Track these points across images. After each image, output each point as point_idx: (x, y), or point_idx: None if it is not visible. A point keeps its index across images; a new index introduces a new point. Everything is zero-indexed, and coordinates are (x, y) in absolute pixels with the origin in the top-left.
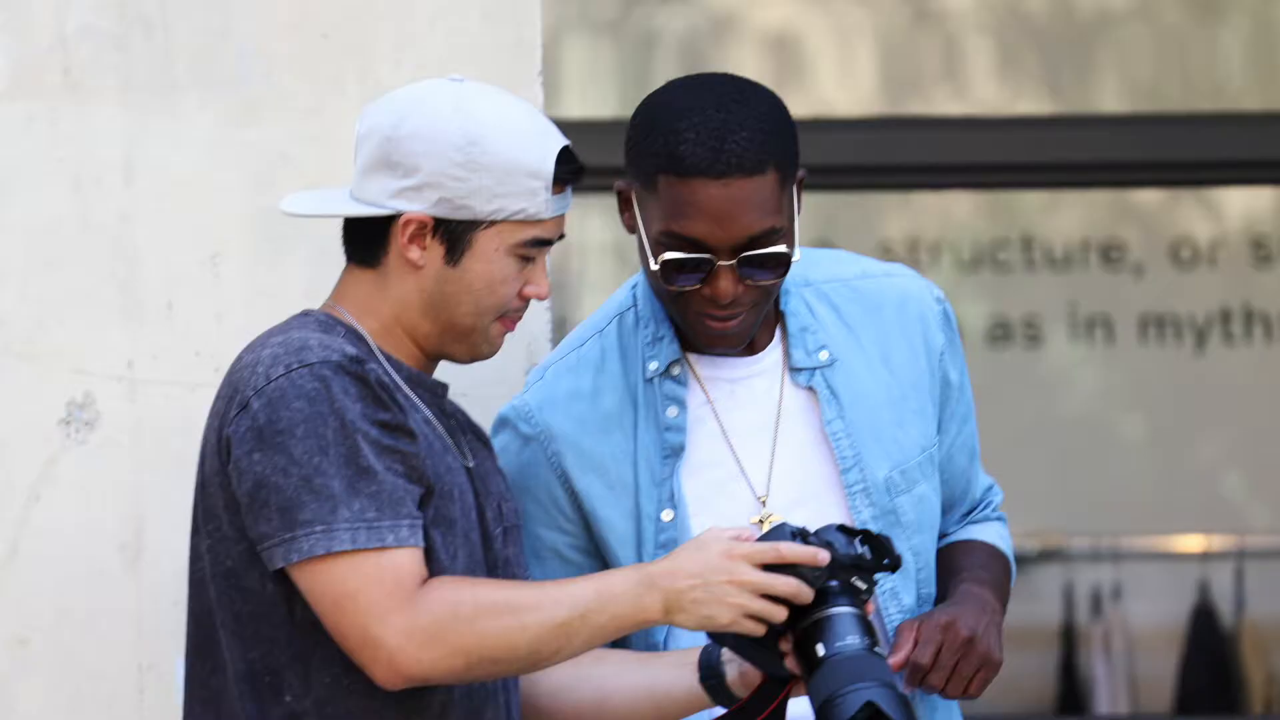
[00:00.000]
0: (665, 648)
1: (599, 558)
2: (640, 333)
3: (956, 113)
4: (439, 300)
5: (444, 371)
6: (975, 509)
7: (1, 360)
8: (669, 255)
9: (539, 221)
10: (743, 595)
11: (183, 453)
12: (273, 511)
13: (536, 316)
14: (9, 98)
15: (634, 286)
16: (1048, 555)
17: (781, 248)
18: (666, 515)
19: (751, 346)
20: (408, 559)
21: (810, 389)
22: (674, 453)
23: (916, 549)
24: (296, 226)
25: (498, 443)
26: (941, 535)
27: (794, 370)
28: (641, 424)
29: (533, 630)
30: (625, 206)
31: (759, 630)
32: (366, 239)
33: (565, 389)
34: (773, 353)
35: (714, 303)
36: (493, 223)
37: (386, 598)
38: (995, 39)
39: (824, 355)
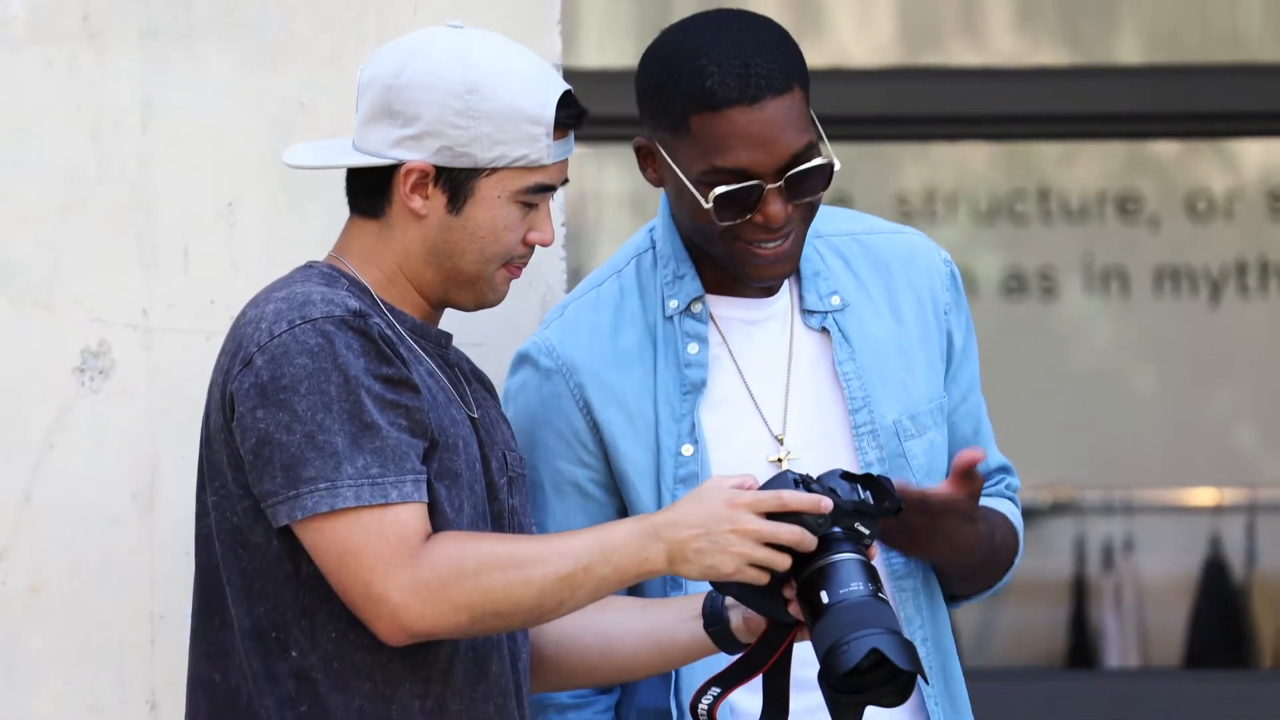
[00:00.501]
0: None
1: (618, 494)
2: (659, 272)
3: (974, 63)
4: (443, 249)
5: (460, 321)
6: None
7: (17, 307)
8: (720, 190)
9: (541, 168)
10: (746, 544)
11: (197, 402)
12: (276, 468)
13: (551, 265)
14: (28, 43)
15: (650, 230)
16: (1059, 508)
17: (823, 160)
18: (687, 450)
19: (766, 289)
20: (411, 514)
21: (823, 330)
22: (694, 388)
23: None
24: (313, 175)
25: (517, 379)
26: None
27: (806, 313)
28: (661, 361)
29: (536, 584)
30: (648, 161)
31: (763, 579)
32: (369, 189)
33: (586, 324)
34: (784, 297)
35: (766, 229)
36: (494, 170)
37: (390, 554)
38: None
39: (835, 300)
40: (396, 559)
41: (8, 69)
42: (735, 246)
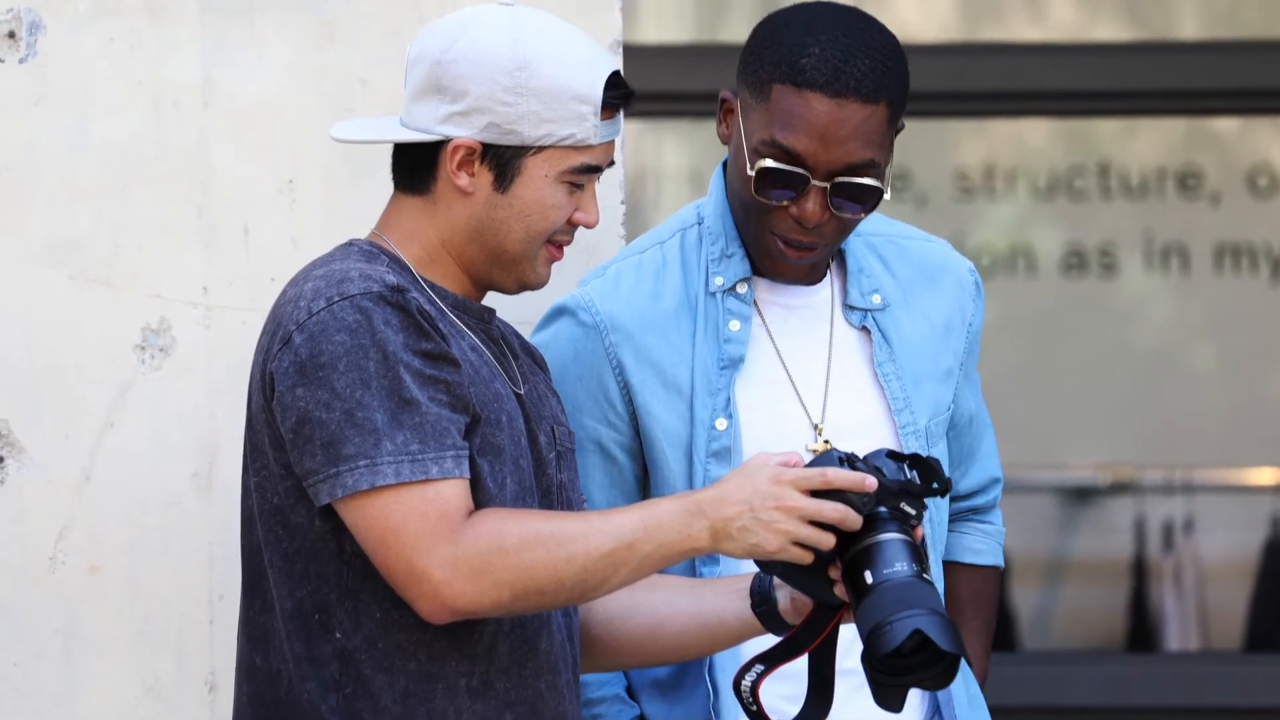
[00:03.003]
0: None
1: (640, 459)
2: (705, 248)
3: (1034, 38)
4: (488, 226)
5: (515, 300)
6: (981, 492)
7: (78, 284)
8: (767, 163)
9: (588, 147)
10: (790, 522)
11: None
12: (317, 447)
13: (611, 242)
14: (90, 18)
15: (698, 207)
16: (1119, 488)
17: (876, 181)
18: (721, 424)
19: (810, 277)
20: (452, 490)
21: (864, 329)
22: (732, 364)
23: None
24: (373, 152)
25: (551, 330)
26: (953, 499)
27: (848, 308)
28: (700, 333)
29: (579, 561)
30: (725, 116)
31: (807, 558)
32: (415, 165)
33: (627, 285)
34: (827, 288)
35: (798, 225)
36: (541, 149)
37: (431, 531)
38: None
39: (877, 299)
40: (438, 536)
41: (70, 45)
42: (765, 237)
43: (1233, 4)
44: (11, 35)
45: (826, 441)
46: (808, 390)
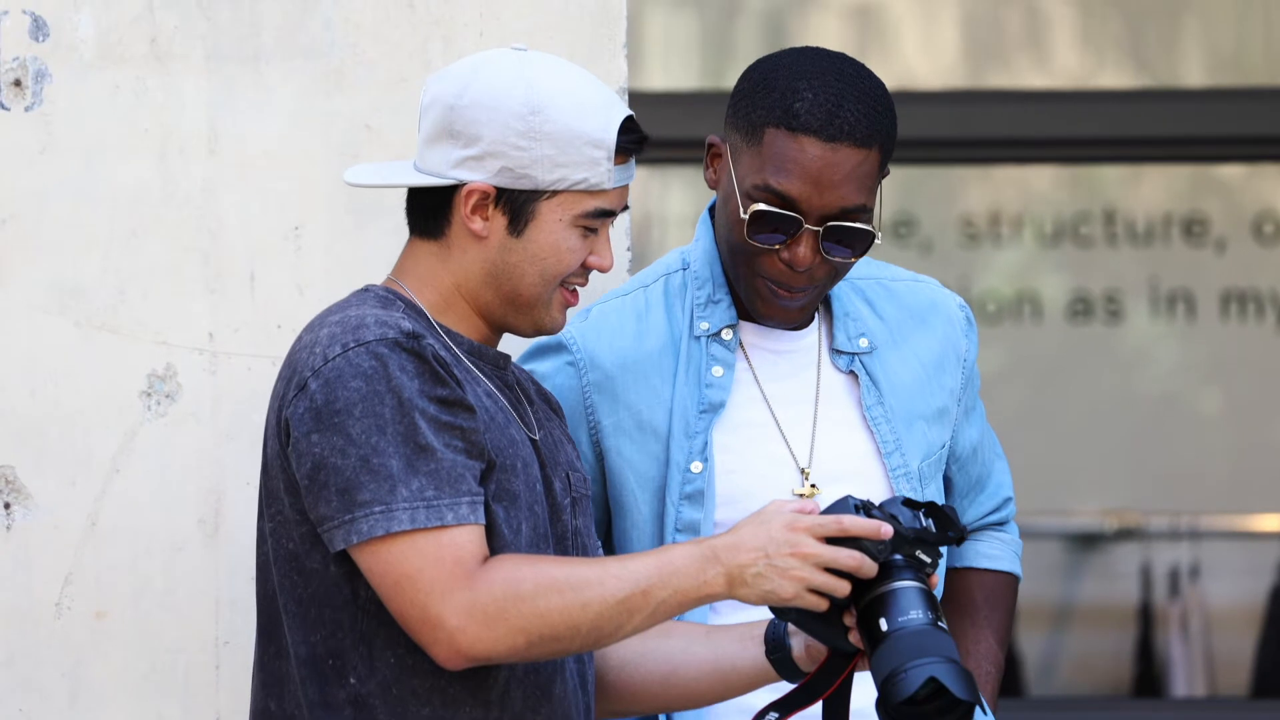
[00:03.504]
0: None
1: (603, 504)
2: (691, 293)
3: (1039, 85)
4: (503, 271)
5: (523, 344)
6: (995, 511)
7: (83, 331)
8: (759, 207)
9: (602, 192)
10: (805, 569)
11: (262, 426)
12: (332, 493)
13: (615, 287)
14: (96, 66)
15: (684, 253)
16: (1125, 534)
17: (867, 225)
18: (696, 467)
19: (798, 322)
20: (468, 537)
21: (851, 373)
22: (712, 408)
23: None
24: (379, 199)
25: (531, 365)
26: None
27: (835, 352)
28: (681, 376)
29: (594, 607)
30: (713, 160)
31: (822, 605)
32: (429, 210)
33: (610, 326)
34: (814, 333)
35: (789, 269)
36: (555, 193)
37: (447, 577)
38: (1078, 9)
39: (864, 342)
40: (453, 582)
41: (77, 92)
42: (755, 281)
43: (1237, 51)
44: (18, 83)
45: (814, 486)
46: (795, 435)
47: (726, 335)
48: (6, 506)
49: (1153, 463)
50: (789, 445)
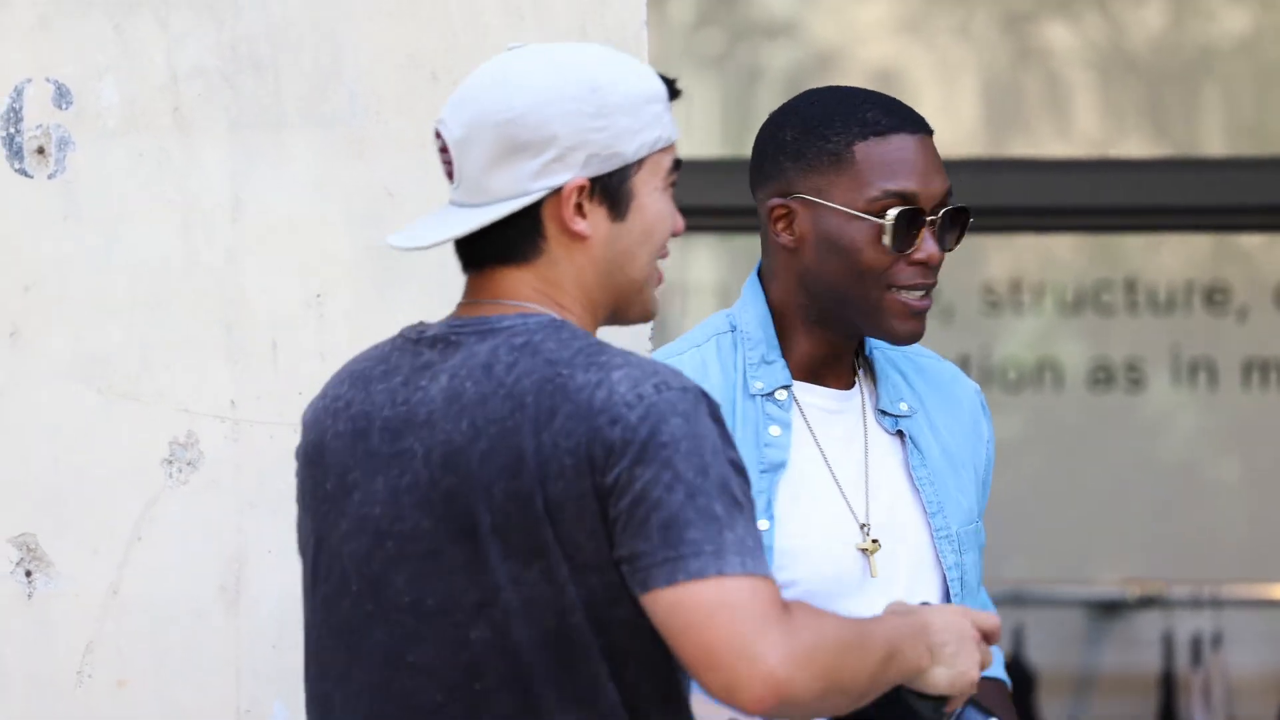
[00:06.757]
0: None
1: None
2: (743, 353)
3: (1060, 153)
4: (614, 261)
5: None
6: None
7: (105, 399)
8: (896, 211)
9: (671, 145)
10: (981, 650)
11: (284, 493)
12: (653, 529)
13: (638, 346)
14: (120, 134)
15: (729, 315)
16: (1147, 602)
17: (964, 204)
18: (762, 524)
19: (842, 382)
20: (775, 588)
21: (898, 433)
22: (773, 468)
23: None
24: (400, 265)
25: None
26: None
27: (880, 413)
28: (739, 436)
29: (870, 667)
30: (782, 221)
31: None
32: (512, 239)
33: None
34: (859, 394)
35: (923, 269)
36: (641, 163)
37: (762, 614)
38: (1099, 76)
39: (904, 406)
40: (769, 620)
41: (100, 160)
42: (885, 297)
43: (1259, 120)
44: (40, 151)
45: (875, 541)
46: (851, 491)
47: (781, 395)
48: (28, 574)
49: (1174, 531)
50: (848, 501)
